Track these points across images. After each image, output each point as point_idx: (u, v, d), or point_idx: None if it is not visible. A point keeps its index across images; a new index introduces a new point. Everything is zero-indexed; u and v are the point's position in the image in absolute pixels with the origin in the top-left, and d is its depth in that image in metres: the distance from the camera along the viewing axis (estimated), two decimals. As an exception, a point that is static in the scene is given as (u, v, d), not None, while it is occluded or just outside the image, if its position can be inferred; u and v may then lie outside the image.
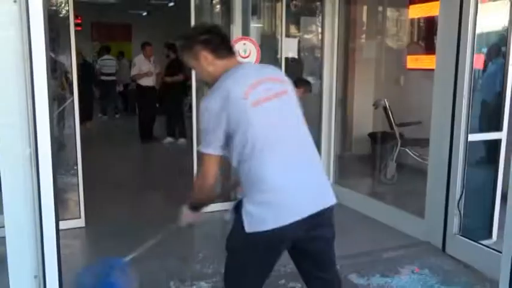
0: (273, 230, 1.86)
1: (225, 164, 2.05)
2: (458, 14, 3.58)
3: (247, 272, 2.02)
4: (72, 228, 4.28)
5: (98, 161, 7.40)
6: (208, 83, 2.12)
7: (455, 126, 3.69)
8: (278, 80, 2.12)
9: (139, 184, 6.05)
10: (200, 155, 2.00)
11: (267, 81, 2.04)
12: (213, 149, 1.95)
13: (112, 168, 6.73)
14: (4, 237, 1.35)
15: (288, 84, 2.14)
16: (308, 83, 5.07)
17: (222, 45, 2.07)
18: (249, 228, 1.88)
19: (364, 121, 6.75)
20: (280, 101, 2.02)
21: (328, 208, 2.04)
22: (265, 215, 1.87)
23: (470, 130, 3.66)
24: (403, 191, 5.56)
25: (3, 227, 1.34)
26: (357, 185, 5.33)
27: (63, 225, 4.12)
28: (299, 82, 4.67)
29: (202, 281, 3.22)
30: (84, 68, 9.29)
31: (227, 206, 4.56)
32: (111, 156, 7.90)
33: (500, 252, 2.71)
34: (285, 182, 1.91)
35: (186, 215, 2.18)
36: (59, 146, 5.00)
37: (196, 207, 2.17)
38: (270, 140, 1.93)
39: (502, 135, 3.80)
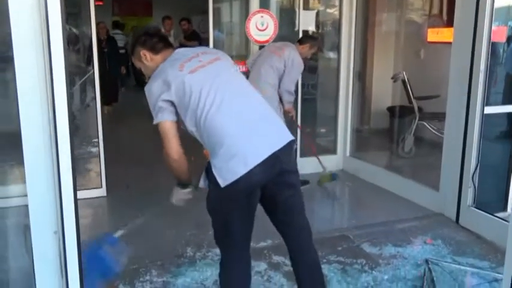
0: (245, 176, 2.00)
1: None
2: (476, -15, 3.54)
3: (233, 225, 2.18)
4: (94, 198, 4.44)
5: (118, 133, 7.57)
6: None
7: (471, 99, 3.68)
8: (209, 52, 2.39)
9: (158, 156, 6.16)
10: (158, 129, 2.19)
11: (199, 55, 2.27)
12: (164, 116, 2.15)
13: (132, 140, 6.87)
14: (26, 206, 1.45)
15: (220, 54, 2.41)
16: (314, 38, 4.86)
17: (159, 42, 2.33)
18: (223, 182, 2.02)
19: (383, 95, 6.71)
20: (214, 65, 2.24)
21: (286, 145, 2.15)
22: (233, 165, 2.01)
23: (492, 104, 3.64)
24: (420, 164, 5.56)
25: (26, 195, 1.42)
26: (374, 159, 5.36)
27: (85, 194, 4.36)
28: (303, 39, 4.65)
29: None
30: (110, 43, 8.90)
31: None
32: (130, 128, 8.05)
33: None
34: (241, 131, 2.09)
35: (177, 194, 2.37)
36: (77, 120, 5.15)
37: (182, 184, 2.34)
38: (216, 99, 2.10)
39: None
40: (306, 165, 5.01)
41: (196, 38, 8.16)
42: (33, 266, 1.42)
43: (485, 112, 3.67)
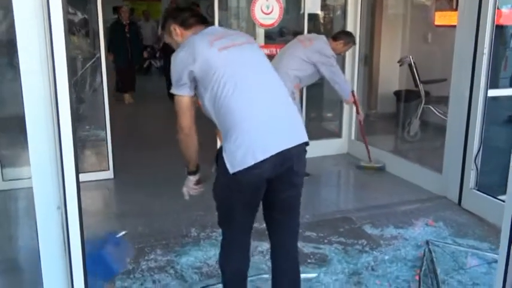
0: (254, 166, 1.97)
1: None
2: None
3: (236, 214, 2.16)
4: (101, 180, 4.53)
5: (127, 117, 7.66)
6: None
7: (474, 82, 3.69)
8: (241, 35, 2.35)
9: (166, 139, 6.24)
10: (174, 98, 2.17)
11: (231, 35, 2.23)
12: (183, 90, 2.12)
13: (141, 124, 6.95)
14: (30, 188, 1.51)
15: (251, 39, 2.35)
16: (348, 34, 4.69)
17: (191, 18, 2.26)
18: (232, 168, 1.98)
19: (390, 79, 6.71)
20: (245, 48, 2.20)
21: (298, 145, 2.12)
22: (244, 153, 1.97)
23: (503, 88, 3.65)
24: (425, 148, 5.59)
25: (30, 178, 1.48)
26: (379, 142, 5.37)
27: (93, 176, 4.45)
28: (337, 35, 4.58)
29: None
30: (132, 29, 8.48)
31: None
32: (140, 113, 8.14)
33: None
34: (256, 122, 2.03)
35: (187, 182, 2.33)
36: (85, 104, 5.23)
37: (191, 172, 2.31)
38: (239, 82, 2.06)
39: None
40: (315, 149, 5.05)
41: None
42: (37, 240, 1.49)
43: (488, 95, 3.68)
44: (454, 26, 3.99)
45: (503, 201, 3.64)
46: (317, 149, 5.07)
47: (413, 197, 4.14)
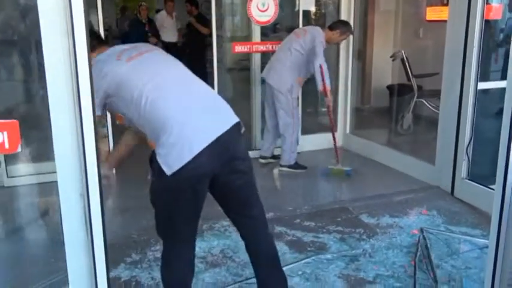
0: (191, 163, 1.92)
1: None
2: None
3: (178, 218, 2.09)
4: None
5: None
6: None
7: (465, 75, 3.82)
8: (146, 45, 2.34)
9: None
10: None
11: (136, 47, 2.23)
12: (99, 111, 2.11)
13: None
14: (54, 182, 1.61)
15: (157, 48, 2.37)
16: (345, 23, 4.79)
17: (92, 40, 2.06)
18: (169, 169, 1.93)
19: (383, 73, 6.85)
20: (152, 54, 2.21)
21: (232, 128, 2.08)
22: (178, 151, 1.94)
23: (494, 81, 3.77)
24: (418, 140, 5.74)
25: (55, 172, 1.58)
26: (373, 136, 5.51)
27: None
28: (334, 24, 4.72)
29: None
30: (151, 27, 8.45)
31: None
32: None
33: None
34: (185, 117, 2.00)
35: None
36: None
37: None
38: (157, 85, 2.04)
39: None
40: (306, 143, 5.18)
41: (204, 21, 7.79)
42: (61, 224, 1.60)
43: (479, 88, 3.82)
44: (445, 21, 4.11)
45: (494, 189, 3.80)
46: (312, 142, 5.20)
47: (408, 188, 4.28)
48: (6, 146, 1.41)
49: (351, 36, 5.32)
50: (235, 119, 2.11)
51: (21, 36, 4.56)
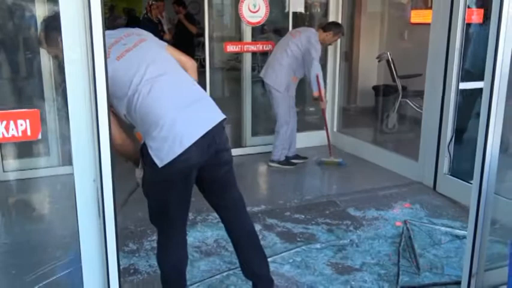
0: (181, 156, 2.05)
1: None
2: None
3: (170, 207, 2.22)
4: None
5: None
6: None
7: (447, 76, 4.01)
8: (134, 33, 2.33)
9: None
10: None
11: (123, 38, 2.26)
12: None
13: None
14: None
15: (146, 35, 2.36)
16: (337, 25, 5.00)
17: None
18: (161, 162, 2.05)
19: (369, 74, 7.03)
20: (140, 48, 2.24)
21: (219, 124, 2.20)
22: (169, 145, 2.05)
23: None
24: (402, 138, 5.95)
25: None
26: (359, 134, 5.70)
27: None
28: (327, 25, 4.91)
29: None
30: (146, 27, 8.23)
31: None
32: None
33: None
34: (175, 112, 2.10)
35: (137, 173, 2.31)
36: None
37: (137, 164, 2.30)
38: (147, 81, 2.12)
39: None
40: (300, 140, 5.34)
41: (193, 20, 7.94)
42: (76, 208, 1.73)
43: (460, 87, 4.01)
44: (429, 24, 4.30)
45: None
46: (302, 140, 5.36)
47: (392, 183, 4.46)
48: (29, 133, 1.55)
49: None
50: (221, 116, 2.24)
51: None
